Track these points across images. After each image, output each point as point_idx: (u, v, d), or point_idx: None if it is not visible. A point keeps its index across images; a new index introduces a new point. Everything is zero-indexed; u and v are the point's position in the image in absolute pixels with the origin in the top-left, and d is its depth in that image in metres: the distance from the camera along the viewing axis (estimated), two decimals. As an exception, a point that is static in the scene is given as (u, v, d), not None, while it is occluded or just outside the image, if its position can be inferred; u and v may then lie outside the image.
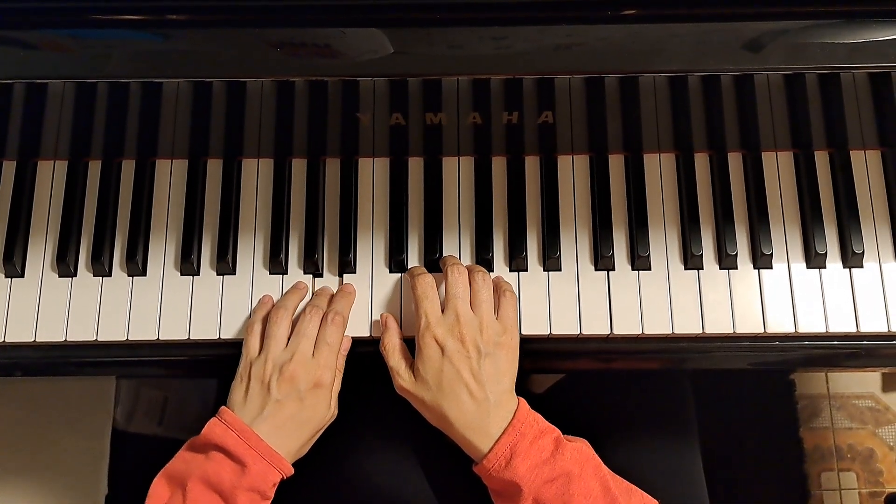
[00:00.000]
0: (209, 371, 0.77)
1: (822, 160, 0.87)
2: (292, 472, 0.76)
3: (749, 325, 0.82)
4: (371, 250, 0.85)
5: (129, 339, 0.82)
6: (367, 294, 0.83)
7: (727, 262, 0.83)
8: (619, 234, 0.84)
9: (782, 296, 0.82)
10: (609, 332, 0.82)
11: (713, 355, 0.84)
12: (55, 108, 0.80)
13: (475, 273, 0.79)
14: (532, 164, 0.87)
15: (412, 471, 0.90)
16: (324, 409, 0.78)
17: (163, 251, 0.85)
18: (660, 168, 0.87)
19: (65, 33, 0.68)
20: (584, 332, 0.82)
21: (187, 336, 0.82)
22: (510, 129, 0.83)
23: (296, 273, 0.84)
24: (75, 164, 0.87)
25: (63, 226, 0.85)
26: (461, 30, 0.68)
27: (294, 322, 0.79)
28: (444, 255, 0.84)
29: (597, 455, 0.75)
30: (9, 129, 0.83)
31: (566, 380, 1.02)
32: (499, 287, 0.80)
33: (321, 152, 0.87)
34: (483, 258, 0.84)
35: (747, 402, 1.43)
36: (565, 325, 0.82)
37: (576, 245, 0.84)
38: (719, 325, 0.82)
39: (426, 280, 0.78)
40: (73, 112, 0.81)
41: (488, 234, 0.84)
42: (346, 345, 0.81)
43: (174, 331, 0.82)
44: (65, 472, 1.29)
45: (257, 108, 0.80)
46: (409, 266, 0.84)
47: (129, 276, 0.84)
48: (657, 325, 0.82)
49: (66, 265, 0.83)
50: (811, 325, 0.82)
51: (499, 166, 0.87)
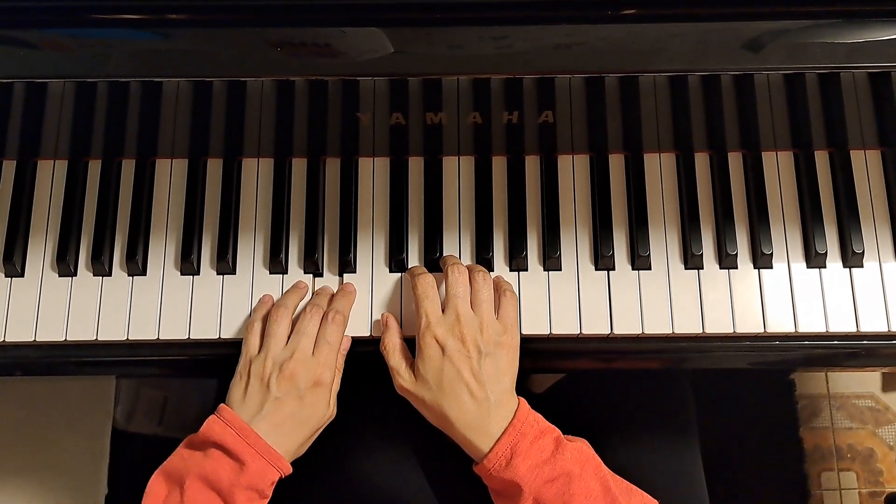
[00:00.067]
0: (209, 371, 0.77)
1: (822, 160, 0.87)
2: (291, 471, 0.76)
3: (749, 324, 0.82)
4: (371, 250, 0.85)
5: (130, 338, 0.82)
6: (368, 294, 0.83)
7: (727, 261, 0.83)
8: (619, 234, 0.84)
9: (782, 295, 0.82)
10: (609, 332, 0.82)
11: (713, 355, 0.84)
12: (55, 108, 0.80)
13: (476, 273, 0.79)
14: (532, 164, 0.87)
15: (412, 471, 0.90)
16: (323, 407, 0.78)
17: (163, 251, 0.85)
18: (660, 168, 0.87)
19: (65, 32, 0.68)
20: (584, 332, 0.82)
21: (187, 336, 0.82)
22: (510, 129, 0.83)
23: (296, 273, 0.84)
24: (75, 163, 0.87)
25: (63, 225, 0.85)
26: (461, 29, 0.68)
27: (294, 321, 0.79)
28: (444, 254, 0.84)
29: (597, 455, 0.75)
30: (9, 129, 0.83)
31: (566, 379, 1.02)
32: (499, 287, 0.80)
33: (321, 152, 0.87)
34: (483, 258, 0.84)
35: (747, 402, 1.43)
36: (565, 325, 0.82)
37: (576, 245, 0.84)
38: (719, 324, 0.82)
39: (426, 280, 0.78)
40: (73, 111, 0.81)
41: (488, 234, 0.84)
42: (346, 344, 0.81)
43: (174, 330, 0.82)
44: (65, 471, 1.29)
45: (257, 107, 0.80)
46: (410, 266, 0.84)
47: (129, 275, 0.84)
48: (657, 325, 0.82)
49: (66, 265, 0.83)
50: (811, 324, 0.82)
51: (499, 166, 0.87)
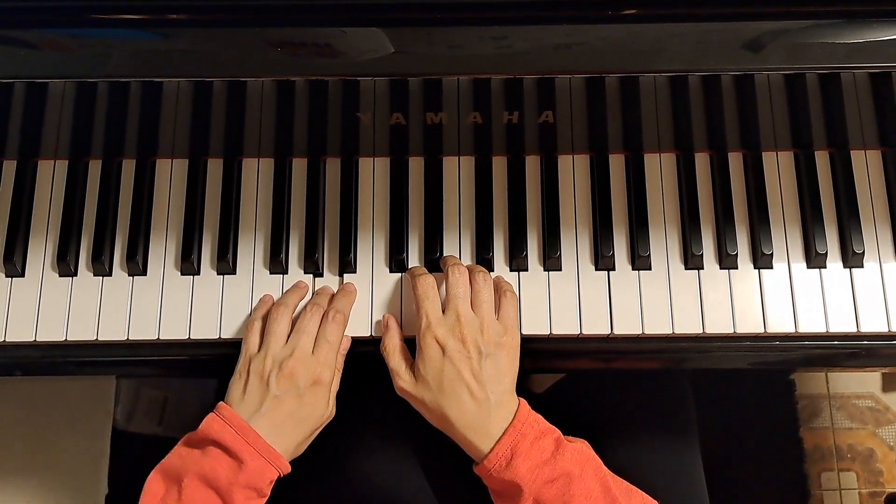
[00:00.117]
0: (209, 371, 0.77)
1: (822, 160, 0.87)
2: (289, 470, 0.76)
3: (749, 324, 0.82)
4: (371, 250, 0.85)
5: (130, 338, 0.82)
6: (368, 294, 0.83)
7: (727, 261, 0.83)
8: (619, 234, 0.84)
9: (782, 295, 0.82)
10: (609, 332, 0.82)
11: (713, 355, 0.84)
12: (55, 108, 0.80)
13: (476, 273, 0.79)
14: (532, 164, 0.87)
15: (412, 471, 0.90)
16: (322, 406, 0.78)
17: (163, 251, 0.85)
18: (660, 168, 0.87)
19: (65, 33, 0.68)
20: (584, 332, 0.82)
21: (188, 336, 0.82)
22: (510, 129, 0.83)
23: (296, 273, 0.84)
24: (76, 163, 0.87)
25: (63, 225, 0.85)
26: (461, 29, 0.68)
27: (294, 320, 0.79)
28: (444, 254, 0.84)
29: (597, 456, 0.75)
30: (9, 129, 0.83)
31: (566, 379, 1.02)
32: (499, 287, 0.80)
33: (321, 152, 0.87)
34: (483, 258, 0.84)
35: (747, 402, 1.43)
36: (565, 325, 0.82)
37: (576, 245, 0.84)
38: (719, 324, 0.82)
39: (427, 280, 0.78)
40: (73, 112, 0.81)
41: (489, 234, 0.84)
42: (346, 344, 0.81)
43: (174, 330, 0.82)
44: (65, 471, 1.29)
45: (258, 107, 0.80)
46: (410, 266, 0.84)
47: (129, 275, 0.84)
48: (657, 325, 0.82)
49: (66, 265, 0.83)
50: (811, 324, 0.82)
51: (499, 166, 0.87)
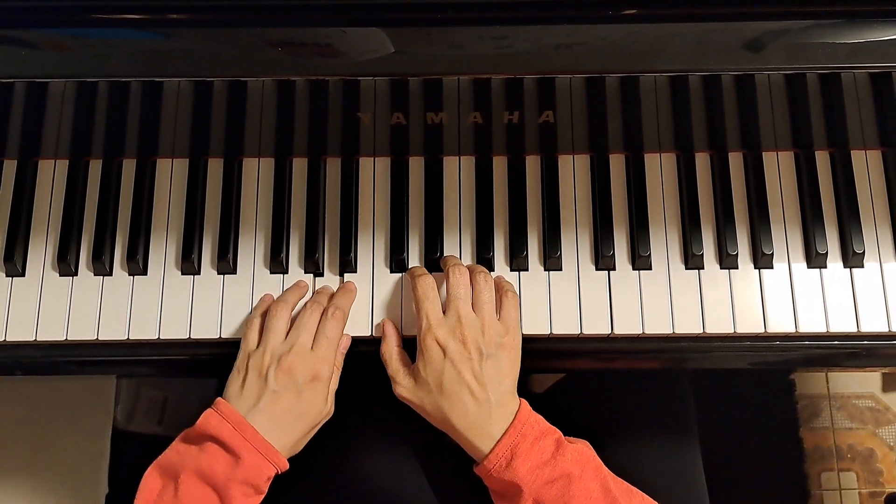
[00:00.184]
0: (210, 370, 0.77)
1: (822, 160, 0.87)
2: (287, 466, 0.75)
3: (749, 324, 0.82)
4: (372, 250, 0.85)
5: (130, 338, 0.82)
6: (368, 293, 0.83)
7: (728, 261, 0.83)
8: (619, 234, 0.84)
9: (783, 295, 0.82)
10: (610, 332, 0.82)
11: (713, 355, 0.84)
12: (56, 108, 0.80)
13: (477, 273, 0.79)
14: (533, 164, 0.87)
15: (412, 471, 0.90)
16: (321, 403, 0.77)
17: (163, 250, 0.85)
18: (660, 168, 0.87)
19: (65, 32, 0.68)
20: (584, 332, 0.82)
21: (188, 335, 0.82)
22: (511, 129, 0.83)
23: (296, 272, 0.84)
24: (76, 163, 0.87)
25: (64, 225, 0.85)
26: (462, 29, 0.68)
27: (294, 319, 0.79)
28: (444, 254, 0.84)
29: (598, 456, 0.75)
30: (9, 129, 0.83)
31: (566, 379, 1.02)
32: (500, 287, 0.80)
33: (322, 152, 0.87)
34: (484, 258, 0.84)
35: (747, 402, 1.43)
36: (566, 325, 0.82)
37: (576, 245, 0.84)
38: (720, 324, 0.82)
39: (427, 281, 0.78)
40: (73, 111, 0.81)
41: (489, 234, 0.84)
42: (346, 343, 0.81)
43: (175, 330, 0.82)
44: (65, 471, 1.29)
45: (258, 107, 0.80)
46: (410, 265, 0.84)
47: (129, 275, 0.84)
48: (658, 325, 0.82)
49: (66, 264, 0.83)
50: (812, 324, 0.82)
51: (499, 166, 0.87)
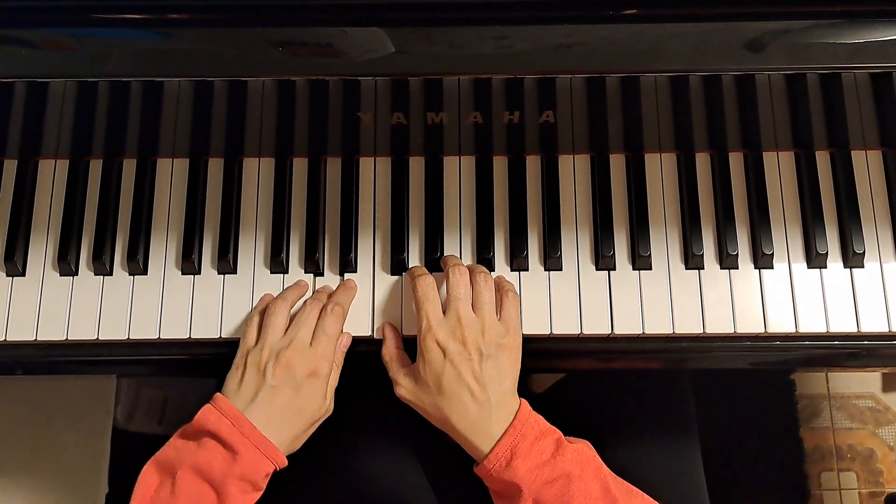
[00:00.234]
0: (210, 370, 0.77)
1: (823, 160, 0.87)
2: (286, 463, 0.75)
3: (750, 324, 0.82)
4: (372, 250, 0.85)
5: (131, 338, 0.82)
6: (368, 293, 0.83)
7: (728, 261, 0.83)
8: (619, 234, 0.84)
9: (783, 295, 0.82)
10: (610, 332, 0.82)
11: (714, 355, 0.84)
12: (56, 107, 0.80)
13: (477, 274, 0.79)
14: (533, 164, 0.87)
15: (412, 471, 0.90)
16: (319, 399, 0.77)
17: (164, 250, 0.85)
18: (661, 168, 0.87)
19: (66, 32, 0.68)
20: (584, 332, 0.82)
21: (188, 335, 0.82)
22: (511, 129, 0.83)
23: (297, 272, 0.84)
24: (76, 163, 0.87)
25: (64, 225, 0.85)
26: (462, 29, 0.68)
27: (293, 316, 0.79)
28: (445, 254, 0.84)
29: (598, 456, 0.75)
30: (10, 128, 0.83)
31: (567, 379, 1.02)
32: (501, 287, 0.80)
33: (322, 152, 0.87)
34: (484, 257, 0.84)
35: (747, 402, 1.43)
36: (566, 325, 0.82)
37: (577, 245, 0.84)
38: (720, 324, 0.82)
39: (427, 281, 0.78)
40: (74, 111, 0.81)
41: (489, 234, 0.84)
42: (346, 341, 0.81)
43: (175, 330, 0.82)
44: (65, 470, 1.29)
45: (258, 107, 0.80)
46: (410, 265, 0.84)
47: (130, 275, 0.84)
48: (658, 325, 0.82)
49: (67, 264, 0.83)
50: (812, 324, 0.82)
51: (500, 166, 0.87)
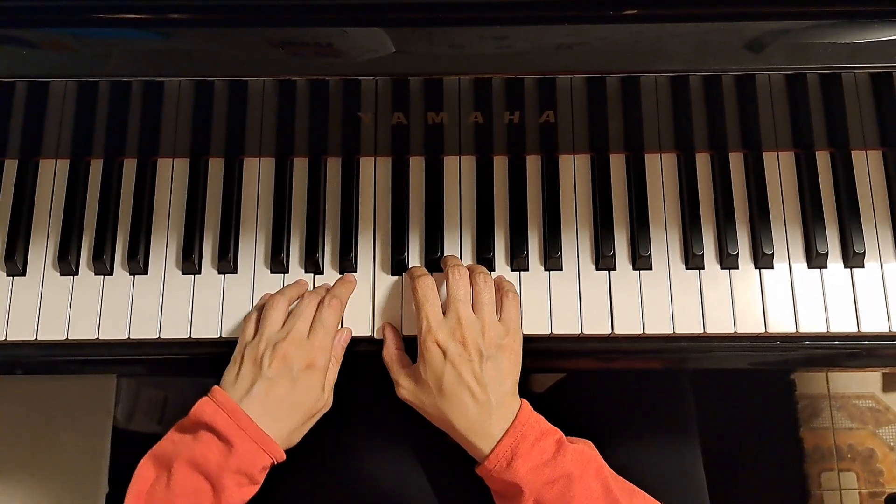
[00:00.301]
0: (210, 370, 0.77)
1: (823, 160, 0.87)
2: (284, 457, 0.74)
3: (750, 324, 0.82)
4: (372, 249, 0.85)
5: (131, 337, 0.82)
6: (369, 293, 0.83)
7: (728, 261, 0.83)
8: (620, 234, 0.84)
9: (783, 296, 0.82)
10: (610, 332, 0.82)
11: (714, 355, 0.84)
12: (57, 107, 0.80)
13: (477, 274, 0.79)
14: (533, 164, 0.87)
15: (413, 471, 0.90)
16: (317, 392, 0.76)
17: (164, 250, 0.85)
18: (661, 168, 0.87)
19: (66, 32, 0.68)
20: (585, 332, 0.82)
21: (188, 335, 0.82)
22: (511, 129, 0.83)
23: (297, 272, 0.84)
24: (77, 162, 0.87)
25: (64, 224, 0.85)
26: (462, 29, 0.68)
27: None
28: (445, 254, 0.84)
29: (600, 456, 0.75)
30: (10, 128, 0.83)
31: (567, 379, 1.02)
32: (501, 287, 0.80)
33: (323, 151, 0.87)
34: (484, 257, 0.84)
35: (748, 401, 1.43)
36: (566, 325, 0.82)
37: (577, 244, 0.84)
38: (720, 324, 0.82)
39: (426, 282, 0.78)
40: (74, 111, 0.81)
41: (489, 234, 0.84)
42: (346, 336, 0.81)
43: (175, 330, 0.82)
44: (65, 470, 1.29)
45: (259, 107, 0.80)
46: (410, 265, 0.84)
47: (130, 274, 0.84)
48: (658, 325, 0.82)
49: (67, 264, 0.83)
50: (812, 324, 0.82)
51: (500, 166, 0.87)
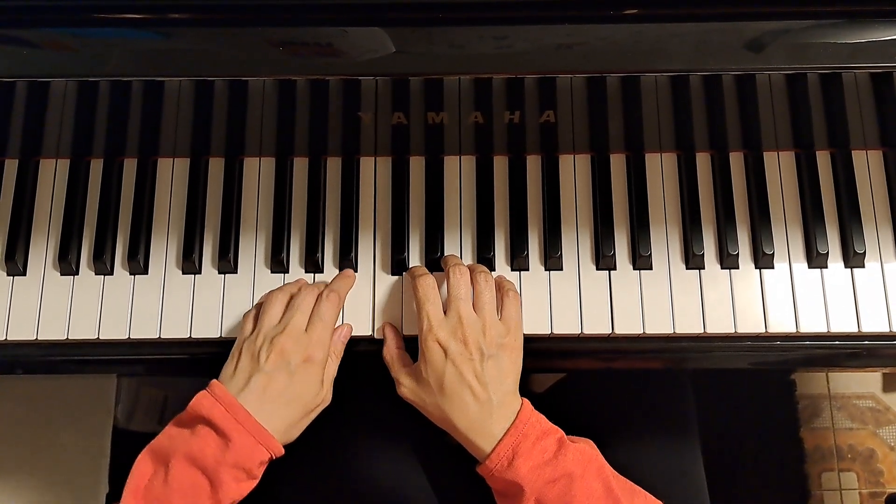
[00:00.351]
0: (210, 370, 0.77)
1: (823, 160, 0.87)
2: (282, 452, 0.74)
3: (750, 324, 0.82)
4: (372, 249, 0.85)
5: (131, 337, 0.82)
6: (369, 293, 0.83)
7: (728, 261, 0.83)
8: (620, 234, 0.84)
9: (784, 295, 0.82)
10: (610, 332, 0.82)
11: (714, 355, 0.84)
12: (57, 107, 0.80)
13: (477, 273, 0.79)
14: (533, 164, 0.87)
15: (413, 470, 0.90)
16: (315, 386, 0.76)
17: (164, 250, 0.85)
18: (661, 167, 0.87)
19: (67, 32, 0.68)
20: (585, 332, 0.82)
21: (189, 335, 0.82)
22: (512, 129, 0.83)
23: (297, 272, 0.84)
24: (77, 162, 0.87)
25: (65, 224, 0.85)
26: (462, 29, 0.68)
27: None
28: (445, 254, 0.84)
29: (601, 456, 0.75)
30: (11, 128, 0.83)
31: (567, 379, 1.02)
32: (501, 287, 0.80)
33: (323, 151, 0.87)
34: (484, 257, 0.84)
35: (748, 402, 1.43)
36: (566, 325, 0.82)
37: (577, 244, 0.84)
38: (720, 324, 0.82)
39: (427, 281, 0.78)
40: (74, 111, 0.81)
41: (490, 234, 0.84)
42: (346, 332, 0.81)
43: (176, 329, 0.82)
44: (65, 470, 1.29)
45: (259, 107, 0.80)
46: (411, 265, 0.84)
47: (130, 274, 0.84)
48: (658, 325, 0.82)
49: (67, 263, 0.83)
50: (812, 324, 0.82)
51: (500, 165, 0.87)
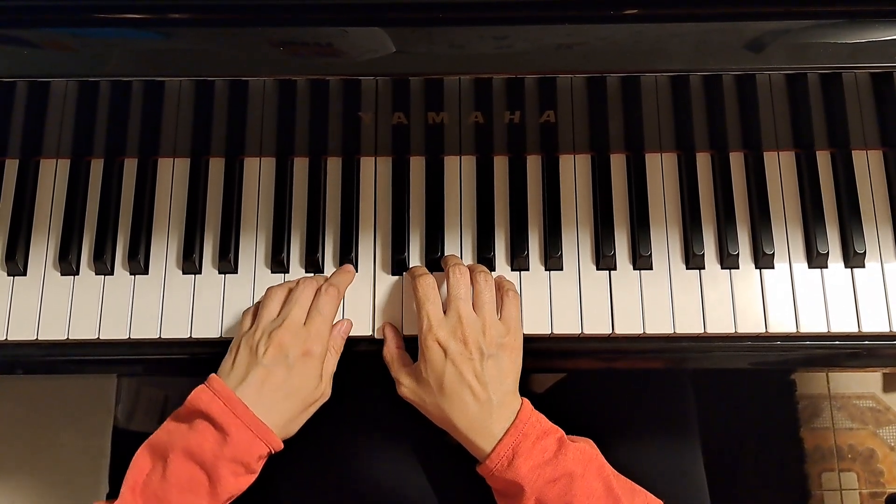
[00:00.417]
0: (210, 370, 0.77)
1: (823, 160, 0.87)
2: (281, 446, 0.74)
3: (750, 324, 0.82)
4: (373, 249, 0.85)
5: (131, 337, 0.82)
6: (369, 292, 0.83)
7: (729, 261, 0.83)
8: (620, 234, 0.84)
9: (784, 296, 0.82)
10: (610, 332, 0.82)
11: (714, 355, 0.84)
12: (57, 107, 0.80)
13: (477, 273, 0.79)
14: (534, 164, 0.87)
15: (413, 470, 0.90)
16: (313, 380, 0.76)
17: (165, 250, 0.85)
18: (661, 167, 0.87)
19: (67, 32, 0.68)
20: (585, 332, 0.82)
21: (189, 335, 0.82)
22: (512, 129, 0.83)
23: (297, 272, 0.84)
24: (77, 162, 0.87)
25: (65, 224, 0.85)
26: (463, 29, 0.68)
27: None
28: (445, 254, 0.84)
29: (601, 455, 0.75)
30: (11, 128, 0.83)
31: (567, 379, 1.02)
32: (501, 286, 0.80)
33: (323, 151, 0.87)
34: (484, 257, 0.84)
35: (748, 402, 1.43)
36: (567, 325, 0.82)
37: (577, 244, 0.84)
38: (721, 324, 0.82)
39: (427, 281, 0.78)
40: (75, 111, 0.81)
41: (490, 234, 0.84)
42: (346, 327, 0.81)
43: (176, 329, 0.82)
44: (66, 470, 1.29)
45: (259, 107, 0.80)
46: (411, 265, 0.84)
47: (130, 274, 0.84)
48: (658, 325, 0.82)
49: (68, 263, 0.83)
50: (813, 324, 0.82)
51: (500, 165, 0.87)
